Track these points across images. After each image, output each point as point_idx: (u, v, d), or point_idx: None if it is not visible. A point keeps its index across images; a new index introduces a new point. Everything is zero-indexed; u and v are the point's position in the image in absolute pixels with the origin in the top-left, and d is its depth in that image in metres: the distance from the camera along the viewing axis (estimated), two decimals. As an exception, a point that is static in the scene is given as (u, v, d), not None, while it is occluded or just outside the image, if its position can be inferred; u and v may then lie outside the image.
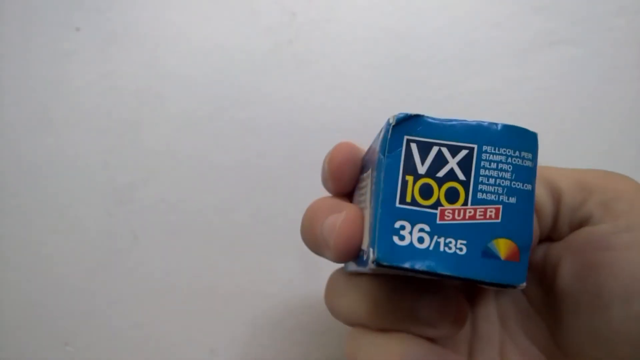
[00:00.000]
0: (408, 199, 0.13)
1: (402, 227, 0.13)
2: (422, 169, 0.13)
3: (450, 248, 0.12)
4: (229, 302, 0.30)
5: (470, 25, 0.32)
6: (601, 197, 0.15)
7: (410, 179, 0.13)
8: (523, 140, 0.13)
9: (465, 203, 0.13)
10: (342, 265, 0.19)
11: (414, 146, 0.13)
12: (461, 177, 0.13)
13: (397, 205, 0.13)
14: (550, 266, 0.16)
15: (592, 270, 0.14)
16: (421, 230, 0.13)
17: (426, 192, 0.13)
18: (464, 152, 0.13)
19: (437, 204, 0.13)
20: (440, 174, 0.13)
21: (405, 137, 0.13)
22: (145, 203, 0.32)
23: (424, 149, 0.13)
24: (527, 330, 0.17)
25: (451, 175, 0.13)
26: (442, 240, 0.12)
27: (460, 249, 0.12)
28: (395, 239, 0.13)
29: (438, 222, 0.13)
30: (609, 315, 0.14)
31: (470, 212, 0.12)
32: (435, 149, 0.13)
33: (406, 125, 0.13)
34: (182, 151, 0.32)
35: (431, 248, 0.12)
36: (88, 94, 0.34)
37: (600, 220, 0.14)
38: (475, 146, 0.13)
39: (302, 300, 0.29)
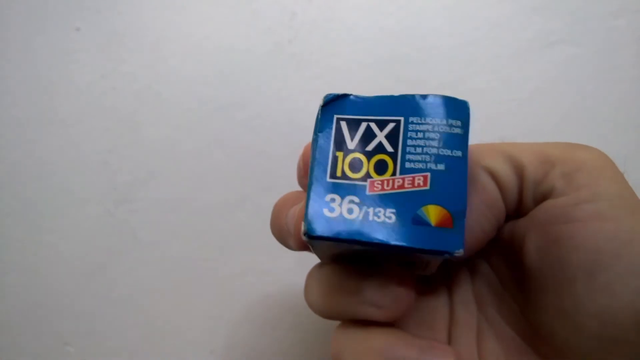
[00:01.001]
0: (338, 174, 0.13)
1: (333, 200, 0.13)
2: (351, 145, 0.13)
3: (379, 217, 0.12)
4: (228, 301, 0.30)
5: (470, 25, 0.32)
6: (563, 168, 0.14)
7: (340, 154, 0.13)
8: (452, 109, 0.13)
9: (394, 173, 0.13)
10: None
11: (343, 124, 0.14)
12: (389, 149, 0.13)
13: (328, 180, 0.13)
14: (517, 243, 0.15)
15: (554, 244, 0.14)
16: (351, 202, 0.13)
17: (356, 166, 0.13)
18: (391, 125, 0.13)
19: (367, 176, 0.13)
20: (370, 147, 0.13)
21: (335, 117, 0.14)
22: (146, 202, 0.32)
23: (353, 126, 0.13)
24: (501, 312, 0.17)
25: (380, 148, 0.13)
26: (371, 210, 0.13)
27: (390, 218, 0.12)
28: (325, 211, 0.13)
29: (368, 193, 0.13)
30: (573, 290, 0.13)
31: (399, 182, 0.13)
32: (364, 125, 0.13)
33: (335, 105, 0.14)
34: (182, 151, 0.32)
35: (360, 218, 0.13)
36: (88, 94, 0.34)
37: (562, 192, 0.14)
38: (402, 118, 0.13)
39: (301, 300, 0.29)
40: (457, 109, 0.13)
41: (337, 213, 0.13)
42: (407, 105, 0.13)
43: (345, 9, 0.33)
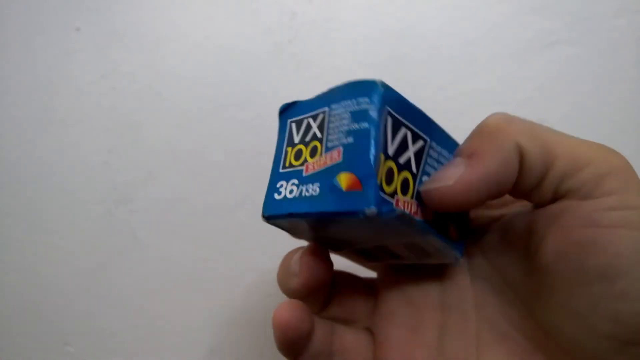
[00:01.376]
0: (287, 164, 0.16)
1: (281, 186, 0.16)
2: (297, 139, 0.16)
3: (308, 191, 0.15)
4: (228, 302, 0.30)
5: (470, 25, 0.32)
6: (595, 170, 0.14)
7: (289, 149, 0.16)
8: (361, 89, 0.15)
9: (320, 155, 0.15)
10: None
11: (293, 125, 0.16)
12: (319, 135, 0.15)
13: (280, 171, 0.16)
14: (535, 239, 0.15)
15: (576, 246, 0.14)
16: (292, 184, 0.15)
17: (298, 155, 0.16)
18: (321, 117, 0.15)
19: (304, 161, 0.15)
20: (307, 138, 0.16)
21: (289, 121, 0.17)
22: (146, 202, 0.32)
23: (299, 124, 0.16)
24: (504, 314, 0.17)
25: (314, 136, 0.15)
26: (304, 187, 0.15)
27: (315, 191, 0.15)
28: (275, 195, 0.16)
29: (304, 175, 0.15)
30: (590, 292, 0.14)
31: (323, 160, 0.15)
32: (305, 122, 0.16)
33: (288, 111, 0.17)
34: (182, 151, 0.32)
35: (297, 195, 0.15)
36: (88, 94, 0.34)
37: (589, 194, 0.14)
38: (327, 108, 0.15)
39: (302, 300, 0.29)
40: (365, 89, 0.15)
41: (282, 195, 0.16)
42: (331, 97, 0.15)
43: (345, 9, 0.33)
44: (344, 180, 0.14)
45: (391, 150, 0.14)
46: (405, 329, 0.18)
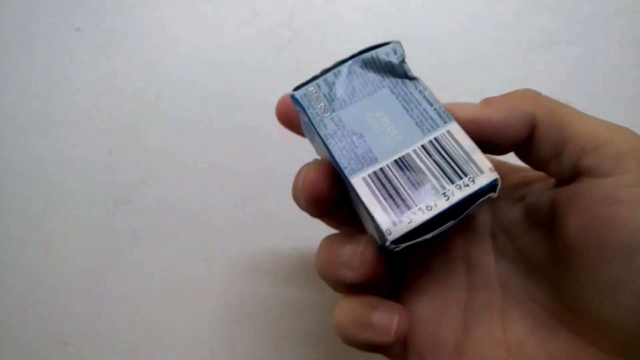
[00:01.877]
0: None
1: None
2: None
3: None
4: (228, 301, 0.30)
5: (471, 25, 0.32)
6: (615, 149, 0.15)
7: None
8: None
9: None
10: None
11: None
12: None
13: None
14: (559, 216, 0.16)
15: (597, 222, 0.14)
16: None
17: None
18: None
19: None
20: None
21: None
22: (145, 203, 0.32)
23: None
24: (530, 293, 0.17)
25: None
26: None
27: None
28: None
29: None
30: (612, 268, 0.14)
31: None
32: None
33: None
34: (182, 151, 0.32)
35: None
36: (88, 94, 0.34)
37: (609, 172, 0.15)
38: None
39: (302, 301, 0.29)
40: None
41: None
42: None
43: (345, 9, 0.33)
44: None
45: None
46: (431, 307, 0.18)
